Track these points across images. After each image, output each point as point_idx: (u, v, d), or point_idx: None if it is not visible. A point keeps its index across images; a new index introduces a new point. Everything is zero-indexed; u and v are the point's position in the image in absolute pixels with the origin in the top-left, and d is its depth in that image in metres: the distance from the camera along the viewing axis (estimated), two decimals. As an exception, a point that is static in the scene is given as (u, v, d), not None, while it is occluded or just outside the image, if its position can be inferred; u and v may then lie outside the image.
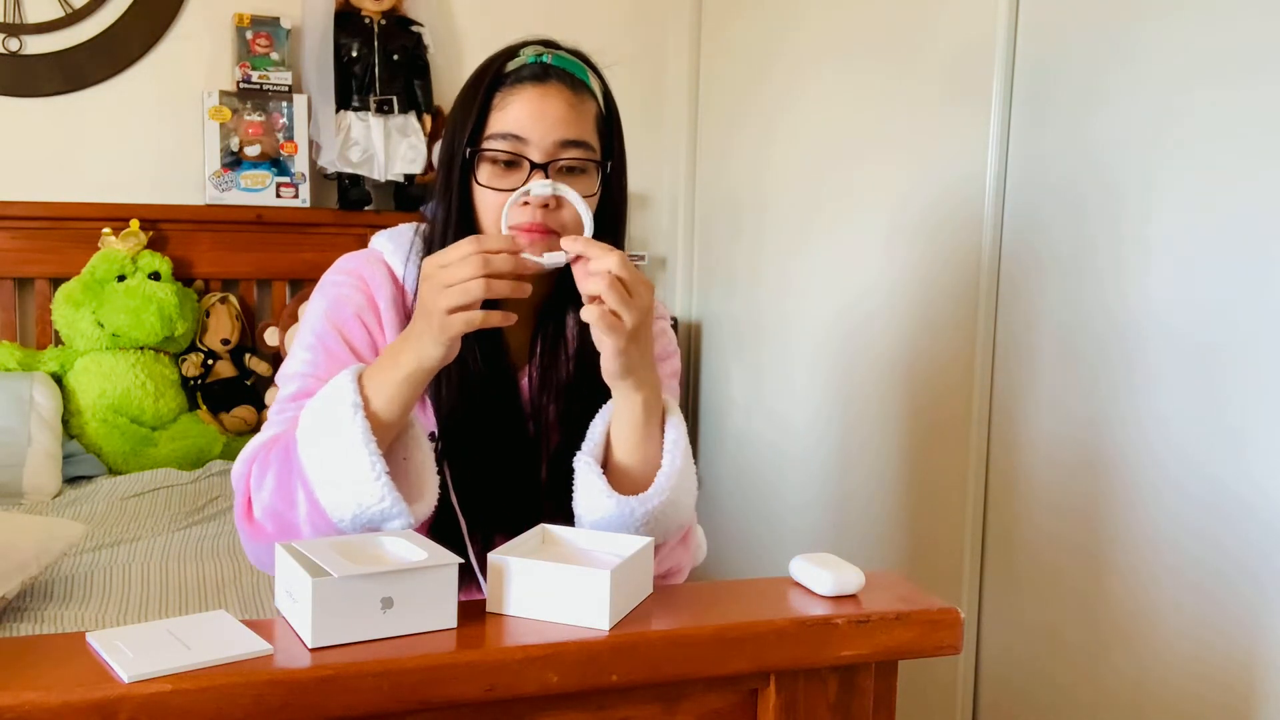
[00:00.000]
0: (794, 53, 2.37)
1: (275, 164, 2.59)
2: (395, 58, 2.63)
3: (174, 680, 0.73)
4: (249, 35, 2.59)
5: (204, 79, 2.63)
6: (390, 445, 1.02)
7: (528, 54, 1.11)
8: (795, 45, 2.37)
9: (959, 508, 1.83)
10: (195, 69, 2.64)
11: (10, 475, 2.16)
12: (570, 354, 1.16)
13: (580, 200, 1.04)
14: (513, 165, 1.08)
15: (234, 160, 2.56)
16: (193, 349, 2.58)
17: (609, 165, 1.12)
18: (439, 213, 1.13)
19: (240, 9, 2.61)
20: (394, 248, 1.18)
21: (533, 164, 1.07)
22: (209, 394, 2.58)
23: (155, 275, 2.47)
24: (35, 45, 2.54)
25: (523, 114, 1.07)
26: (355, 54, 2.61)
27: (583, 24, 2.87)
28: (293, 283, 2.73)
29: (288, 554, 0.85)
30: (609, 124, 1.14)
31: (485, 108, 1.09)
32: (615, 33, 2.91)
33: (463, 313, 0.95)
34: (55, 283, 2.51)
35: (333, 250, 1.38)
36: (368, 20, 2.63)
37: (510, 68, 1.10)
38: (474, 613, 0.87)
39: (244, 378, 2.62)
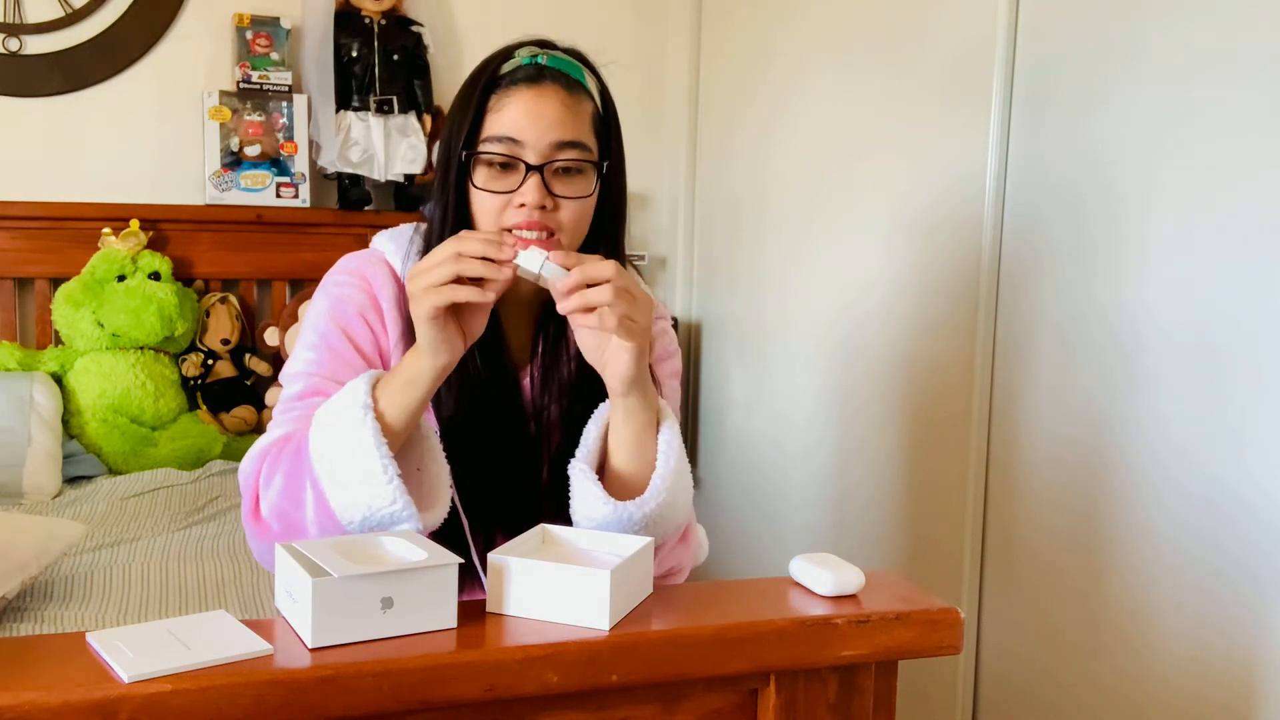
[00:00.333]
0: (794, 52, 2.38)
1: (275, 164, 2.59)
2: (395, 58, 2.63)
3: (174, 680, 0.73)
4: (249, 35, 2.59)
5: (204, 79, 2.63)
6: (404, 453, 1.02)
7: (523, 55, 1.11)
8: (795, 45, 2.37)
9: (959, 508, 1.83)
10: (195, 69, 2.63)
11: (10, 475, 2.16)
12: (572, 354, 1.16)
13: (560, 271, 0.98)
14: (508, 167, 1.08)
15: (234, 160, 2.56)
16: (193, 349, 2.58)
17: (606, 165, 1.12)
18: (436, 213, 1.14)
19: (240, 9, 2.61)
20: (395, 248, 1.18)
21: (528, 166, 1.06)
22: (209, 394, 2.58)
23: (155, 275, 2.47)
24: (35, 45, 2.54)
25: (518, 116, 1.07)
26: (355, 54, 2.61)
27: (582, 24, 2.87)
28: (293, 283, 2.73)
29: (288, 554, 0.85)
30: (606, 124, 1.13)
31: (481, 110, 1.09)
32: (615, 32, 2.91)
33: (432, 292, 0.95)
34: (55, 283, 2.51)
35: (333, 250, 1.38)
36: (368, 20, 2.63)
37: (505, 69, 1.10)
38: (474, 613, 0.87)
39: (244, 378, 2.62)
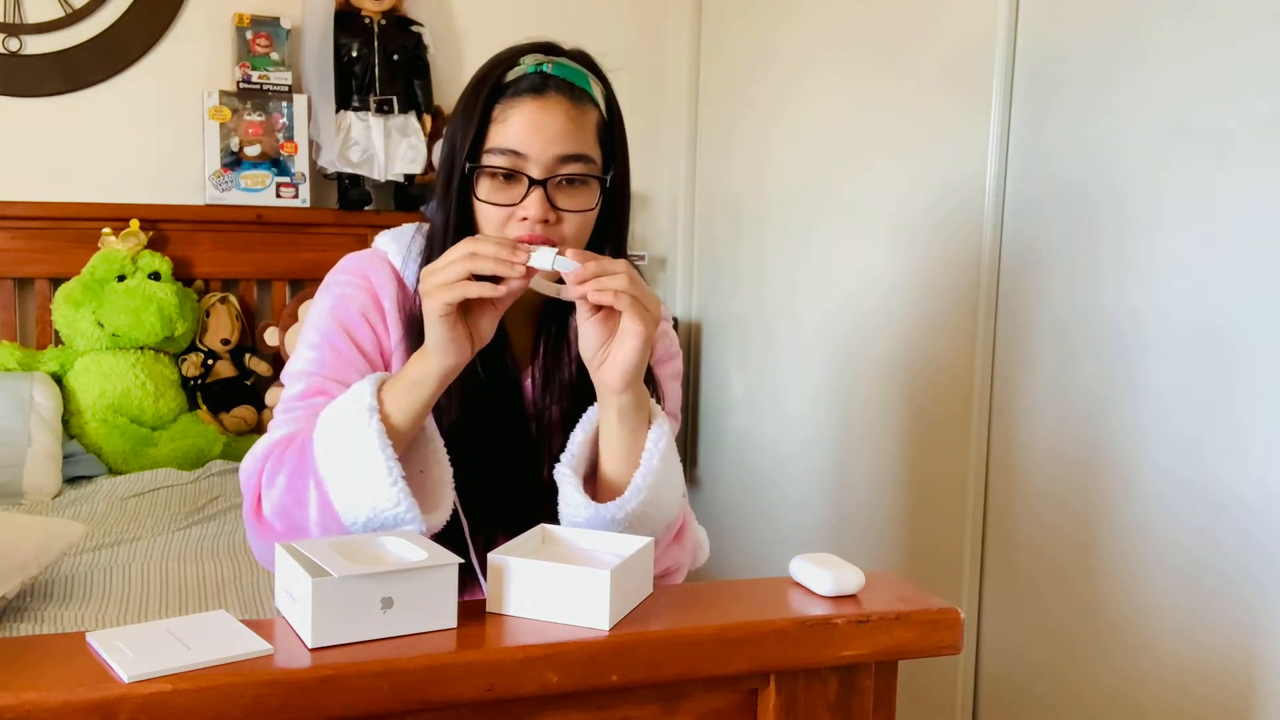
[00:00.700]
0: (794, 52, 2.37)
1: (275, 164, 2.59)
2: (395, 58, 2.63)
3: (174, 680, 0.73)
4: (249, 35, 2.59)
5: (204, 79, 2.63)
6: (408, 455, 1.02)
7: (527, 63, 1.09)
8: (795, 45, 2.37)
9: (959, 507, 1.83)
10: (195, 69, 2.64)
11: (10, 475, 2.16)
12: (573, 355, 1.16)
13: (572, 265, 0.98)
14: (512, 179, 1.07)
15: (234, 160, 2.56)
16: (193, 349, 2.58)
17: (610, 175, 1.11)
18: (438, 220, 1.13)
19: (240, 9, 2.61)
20: (397, 248, 1.18)
21: (531, 180, 1.05)
22: (209, 394, 2.58)
23: (155, 275, 2.47)
24: (35, 45, 2.54)
25: (521, 128, 1.06)
26: (355, 54, 2.61)
27: (582, 24, 2.87)
28: (293, 283, 2.73)
29: (288, 554, 0.85)
30: (611, 131, 1.12)
31: (485, 119, 1.08)
32: (615, 33, 2.91)
33: (445, 288, 0.95)
34: (55, 283, 2.51)
35: (333, 250, 1.38)
36: (368, 20, 2.63)
37: (510, 78, 1.08)
38: (474, 613, 0.87)
39: (244, 378, 2.62)
